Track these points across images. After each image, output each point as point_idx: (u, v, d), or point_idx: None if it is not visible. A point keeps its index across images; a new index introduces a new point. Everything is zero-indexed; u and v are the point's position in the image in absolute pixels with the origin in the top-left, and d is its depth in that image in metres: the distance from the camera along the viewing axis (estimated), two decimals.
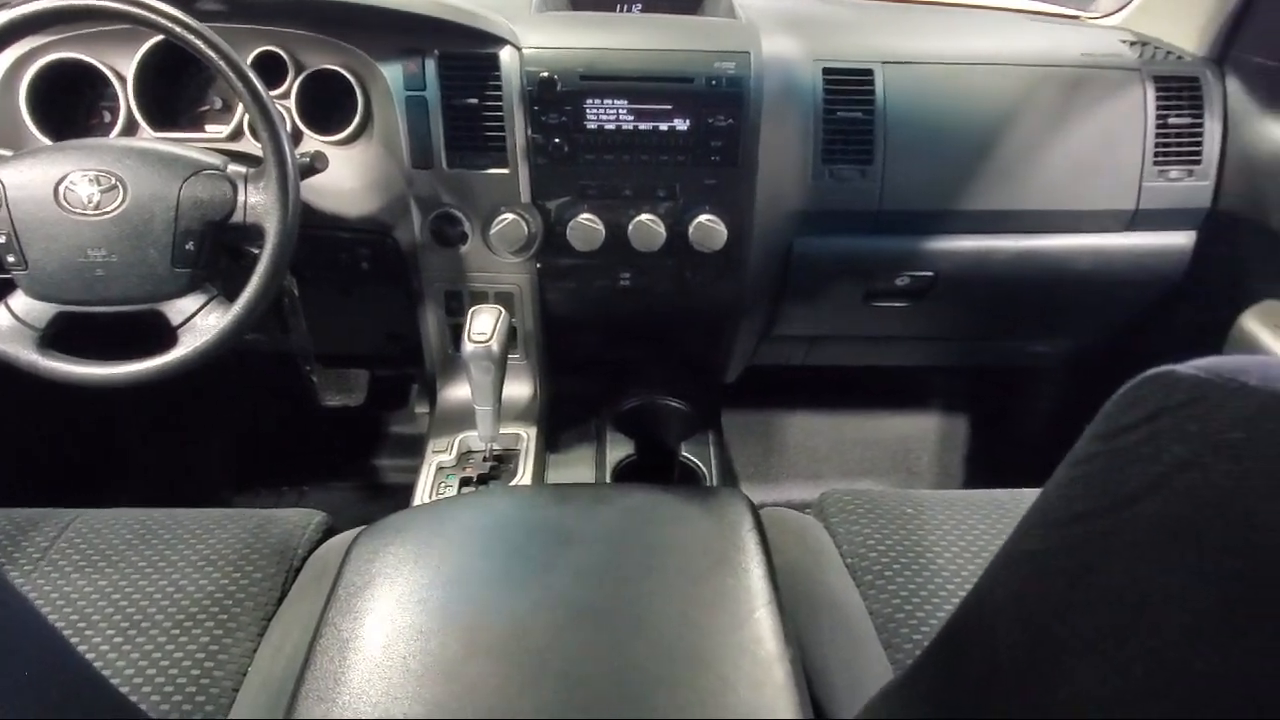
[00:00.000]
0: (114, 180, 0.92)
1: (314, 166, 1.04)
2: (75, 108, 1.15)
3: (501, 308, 1.13)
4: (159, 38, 1.07)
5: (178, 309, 0.95)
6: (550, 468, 1.33)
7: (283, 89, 1.12)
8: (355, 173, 1.16)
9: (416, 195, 1.17)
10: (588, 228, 1.15)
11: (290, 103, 1.12)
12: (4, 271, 0.93)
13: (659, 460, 1.46)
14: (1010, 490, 0.99)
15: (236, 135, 1.15)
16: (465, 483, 1.19)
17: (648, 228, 1.15)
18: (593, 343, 1.45)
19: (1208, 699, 0.33)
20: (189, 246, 0.94)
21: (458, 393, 1.33)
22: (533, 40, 1.11)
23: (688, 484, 1.42)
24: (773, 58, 1.13)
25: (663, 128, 1.12)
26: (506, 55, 1.10)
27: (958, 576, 0.87)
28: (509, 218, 1.15)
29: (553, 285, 1.26)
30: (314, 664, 0.64)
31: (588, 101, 1.11)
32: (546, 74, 1.10)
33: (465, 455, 1.24)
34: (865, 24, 1.31)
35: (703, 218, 1.16)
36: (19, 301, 0.94)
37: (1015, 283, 1.30)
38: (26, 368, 0.93)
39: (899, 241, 1.25)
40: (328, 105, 1.14)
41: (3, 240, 0.91)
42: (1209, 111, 1.21)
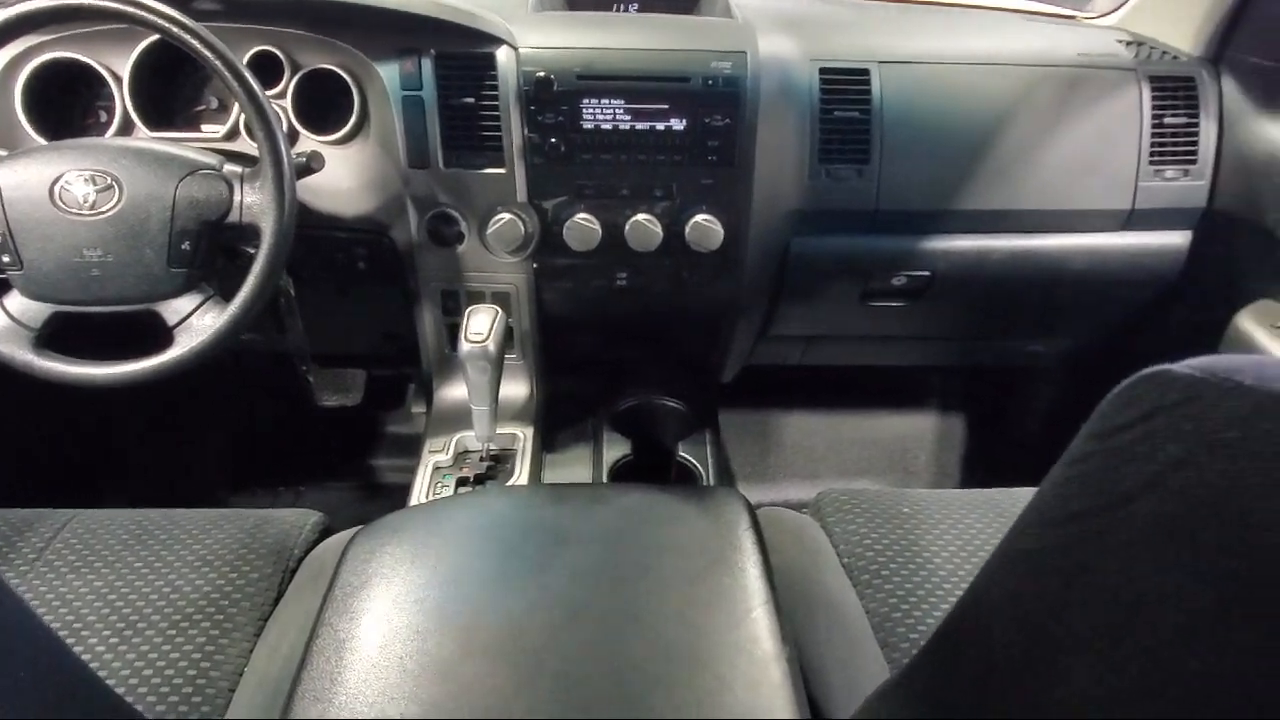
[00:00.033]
0: (110, 180, 0.91)
1: (310, 166, 1.04)
2: (71, 107, 1.14)
3: (498, 307, 1.13)
4: (155, 37, 1.07)
5: (173, 309, 0.95)
6: (547, 468, 1.33)
7: (279, 89, 1.12)
8: (352, 172, 1.16)
9: (413, 195, 1.17)
10: (584, 227, 1.15)
11: (286, 102, 1.12)
12: None
13: (656, 460, 1.46)
14: (1006, 489, 1.00)
15: (232, 135, 1.15)
16: (462, 483, 1.19)
17: (644, 227, 1.15)
18: (589, 342, 1.45)
19: (1203, 698, 0.33)
20: (185, 246, 0.93)
21: (454, 393, 1.33)
22: (529, 40, 1.11)
23: (684, 484, 1.42)
24: (769, 57, 1.13)
25: (659, 127, 1.12)
26: (503, 55, 1.10)
27: (954, 576, 0.87)
28: (505, 217, 1.15)
29: (549, 285, 1.26)
30: (310, 664, 0.64)
31: (584, 101, 1.11)
32: (543, 74, 1.09)
33: (462, 455, 1.24)
34: (862, 24, 1.31)
35: (699, 217, 1.16)
36: (14, 301, 0.94)
37: (1011, 282, 1.30)
38: (22, 368, 0.93)
39: (895, 241, 1.25)
40: (324, 105, 1.14)
41: None
42: (1204, 111, 1.22)
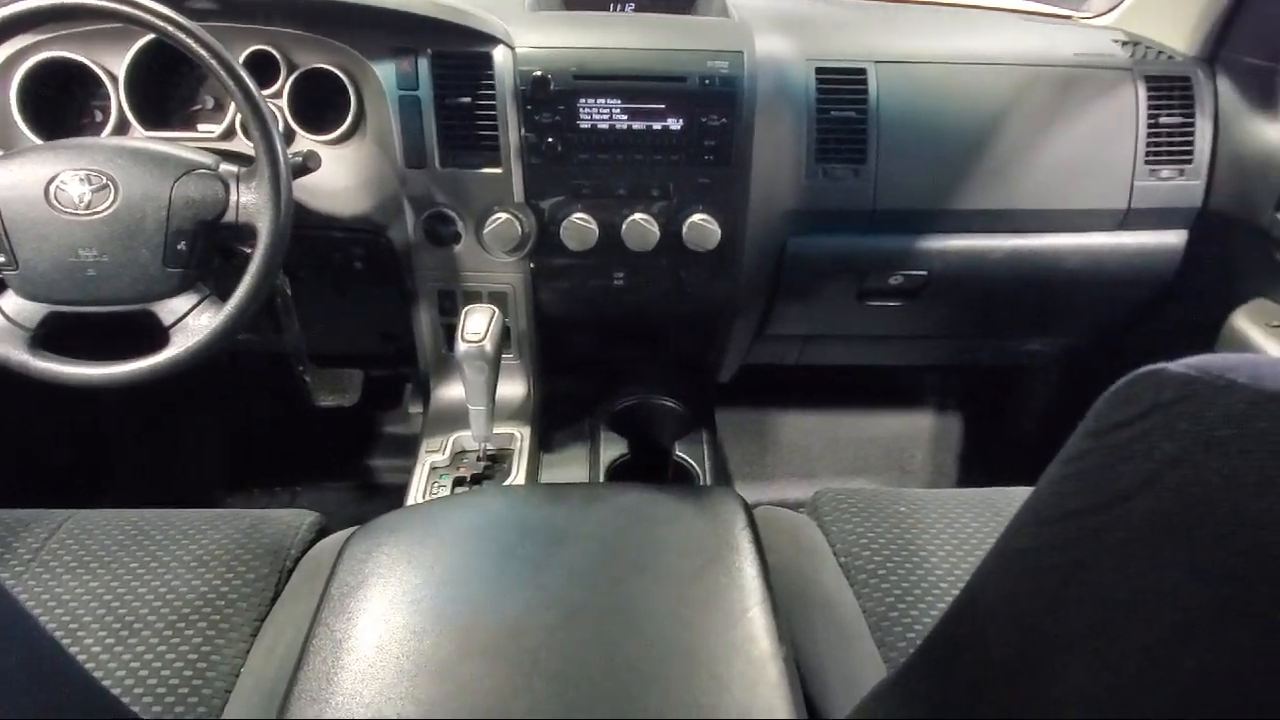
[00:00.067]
0: (105, 180, 0.91)
1: (307, 166, 1.04)
2: (66, 107, 1.14)
3: (495, 307, 1.13)
4: (151, 37, 1.06)
5: (170, 309, 0.95)
6: (544, 467, 1.33)
7: (275, 88, 1.12)
8: (348, 172, 1.16)
9: (410, 195, 1.17)
10: (581, 227, 1.15)
11: (283, 102, 1.12)
12: None
13: (653, 460, 1.46)
14: (1003, 489, 1.00)
15: (229, 135, 1.14)
16: (459, 483, 1.19)
17: (641, 227, 1.15)
18: (586, 342, 1.45)
19: (1200, 697, 0.33)
20: (181, 246, 0.93)
21: (451, 392, 1.33)
22: (526, 39, 1.11)
23: (681, 483, 1.42)
24: (766, 57, 1.13)
25: (656, 127, 1.12)
26: (500, 54, 1.10)
27: (951, 575, 0.87)
28: (502, 217, 1.15)
29: (546, 285, 1.26)
30: (307, 664, 0.64)
31: (581, 101, 1.11)
32: (540, 73, 1.09)
33: (459, 455, 1.24)
34: (858, 23, 1.31)
35: (696, 217, 1.16)
36: (10, 301, 0.93)
37: (1008, 282, 1.30)
38: (17, 368, 0.93)
39: (892, 241, 1.25)
40: (320, 104, 1.14)
41: None
42: (1200, 111, 1.22)
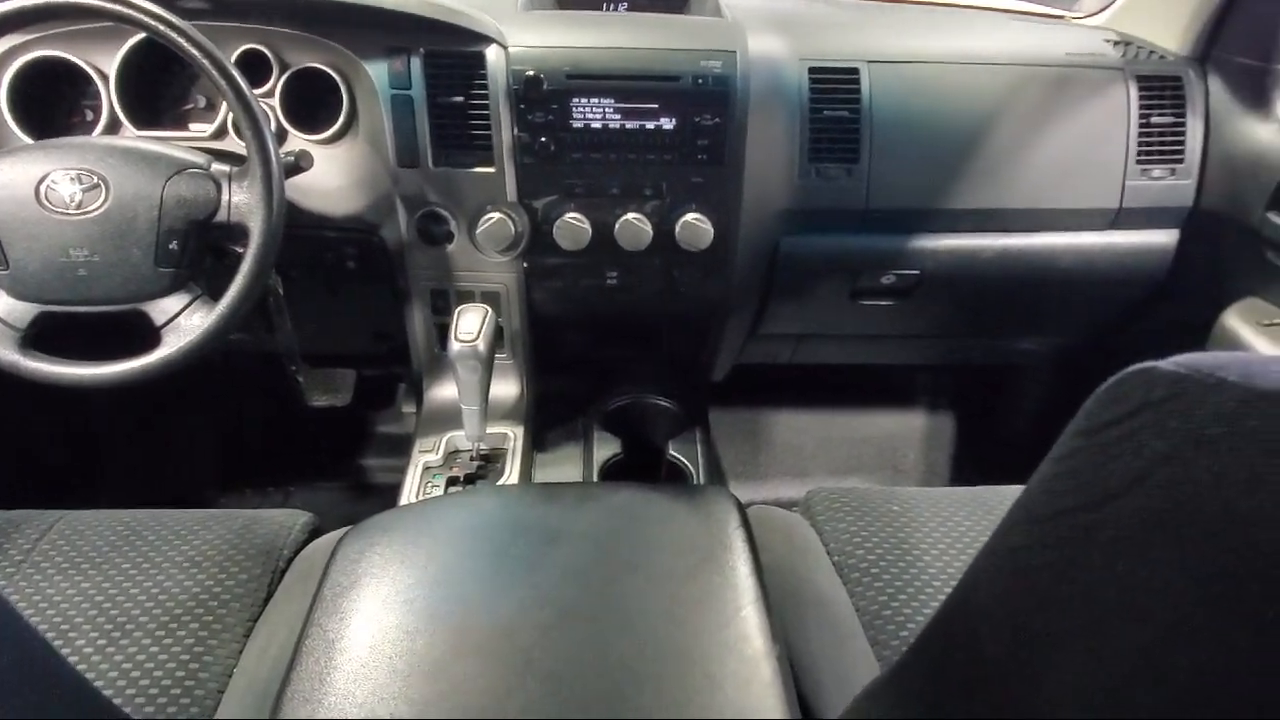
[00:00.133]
0: (96, 179, 0.91)
1: (299, 165, 1.04)
2: (57, 106, 1.13)
3: (488, 307, 1.13)
4: (142, 35, 1.06)
5: (161, 309, 0.94)
6: (537, 467, 1.33)
7: (267, 87, 1.11)
8: (340, 171, 1.15)
9: (402, 194, 1.17)
10: (574, 227, 1.15)
11: (275, 101, 1.12)
12: None
13: (646, 459, 1.46)
14: (995, 487, 1.00)
15: (220, 134, 1.14)
16: (452, 482, 1.19)
17: (634, 227, 1.15)
18: (580, 342, 1.45)
19: (1192, 695, 0.33)
20: (172, 246, 0.93)
21: (444, 392, 1.33)
22: (519, 39, 1.10)
23: (675, 483, 1.42)
24: (759, 57, 1.13)
25: (649, 126, 1.12)
26: (492, 54, 1.10)
27: (944, 573, 0.87)
28: (495, 216, 1.14)
29: (539, 284, 1.26)
30: (300, 665, 0.64)
31: (574, 100, 1.11)
32: (532, 72, 1.09)
33: (452, 455, 1.24)
34: (851, 23, 1.32)
35: (689, 216, 1.16)
36: (0, 302, 0.93)
37: (1000, 281, 1.31)
38: (8, 368, 0.92)
39: (885, 240, 1.26)
40: (313, 104, 1.13)
41: None
42: (1191, 110, 1.22)
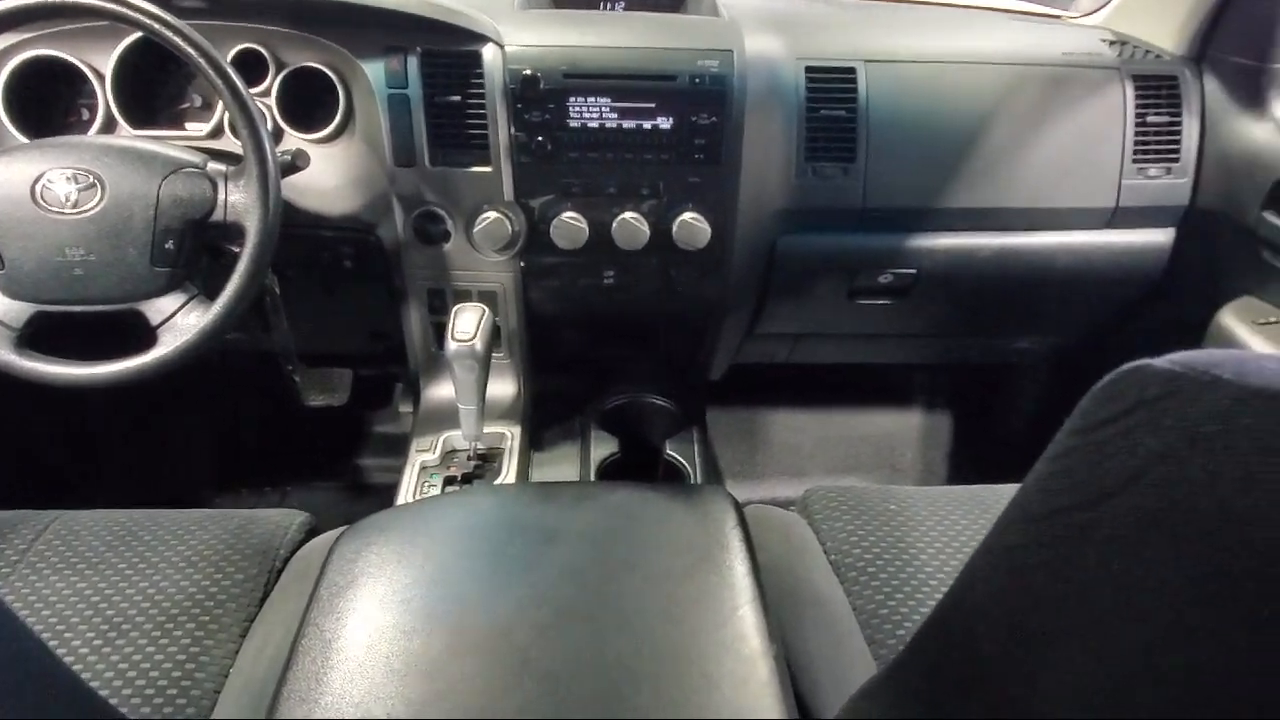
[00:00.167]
0: (92, 178, 0.91)
1: (295, 164, 1.03)
2: (53, 105, 1.13)
3: (485, 306, 1.13)
4: (138, 35, 1.06)
5: (157, 308, 0.94)
6: (534, 466, 1.33)
7: (263, 86, 1.11)
8: (337, 170, 1.15)
9: (399, 193, 1.16)
10: (571, 226, 1.15)
11: (271, 100, 1.12)
12: None
13: (643, 458, 1.46)
14: (992, 486, 1.00)
15: (217, 133, 1.14)
16: (449, 482, 1.19)
17: (631, 226, 1.15)
18: (577, 341, 1.45)
19: (1189, 693, 0.33)
20: (169, 245, 0.93)
21: (441, 392, 1.33)
22: (516, 38, 1.10)
23: (672, 482, 1.42)
24: (756, 56, 1.13)
25: (646, 126, 1.12)
26: (489, 53, 1.10)
27: (941, 572, 0.87)
28: (492, 216, 1.14)
29: (536, 284, 1.26)
30: (296, 664, 0.64)
31: (571, 99, 1.11)
32: (529, 72, 1.09)
33: (449, 454, 1.24)
34: (848, 22, 1.32)
35: (686, 216, 1.16)
36: None
37: (997, 280, 1.31)
38: (4, 368, 0.92)
39: (882, 239, 1.26)
40: (309, 103, 1.13)
41: None
42: (1187, 110, 1.23)
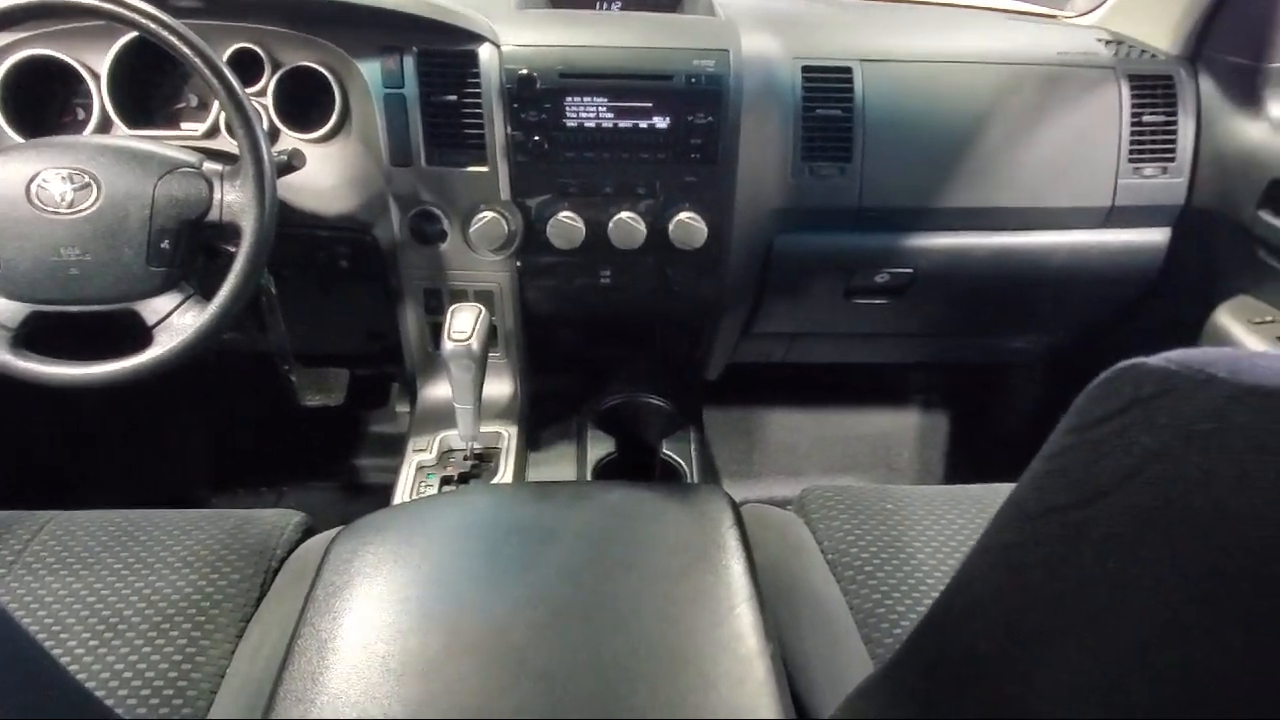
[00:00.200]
0: (87, 178, 0.91)
1: (291, 164, 1.03)
2: (48, 105, 1.13)
3: (481, 306, 1.13)
4: (134, 34, 1.06)
5: (153, 308, 0.94)
6: (531, 466, 1.33)
7: (259, 86, 1.11)
8: (333, 170, 1.15)
9: (395, 193, 1.16)
10: (568, 225, 1.15)
11: (267, 100, 1.11)
12: None
13: (640, 458, 1.46)
14: (989, 485, 1.00)
15: (213, 133, 1.14)
16: (446, 481, 1.19)
17: (628, 225, 1.15)
18: (573, 341, 1.45)
19: (1184, 692, 0.33)
20: (164, 245, 0.93)
21: (438, 391, 1.33)
22: (512, 38, 1.10)
23: (669, 482, 1.42)
24: (752, 55, 1.13)
25: (642, 125, 1.12)
26: (486, 52, 1.10)
27: (937, 571, 0.87)
28: (489, 215, 1.14)
29: (533, 283, 1.26)
30: (292, 664, 0.64)
31: (567, 99, 1.11)
32: (526, 71, 1.09)
33: (446, 454, 1.24)
34: (844, 22, 1.32)
35: (683, 215, 1.16)
36: None
37: (993, 279, 1.31)
38: None
39: (879, 238, 1.26)
40: (305, 103, 1.13)
41: None
42: (1182, 109, 1.23)
